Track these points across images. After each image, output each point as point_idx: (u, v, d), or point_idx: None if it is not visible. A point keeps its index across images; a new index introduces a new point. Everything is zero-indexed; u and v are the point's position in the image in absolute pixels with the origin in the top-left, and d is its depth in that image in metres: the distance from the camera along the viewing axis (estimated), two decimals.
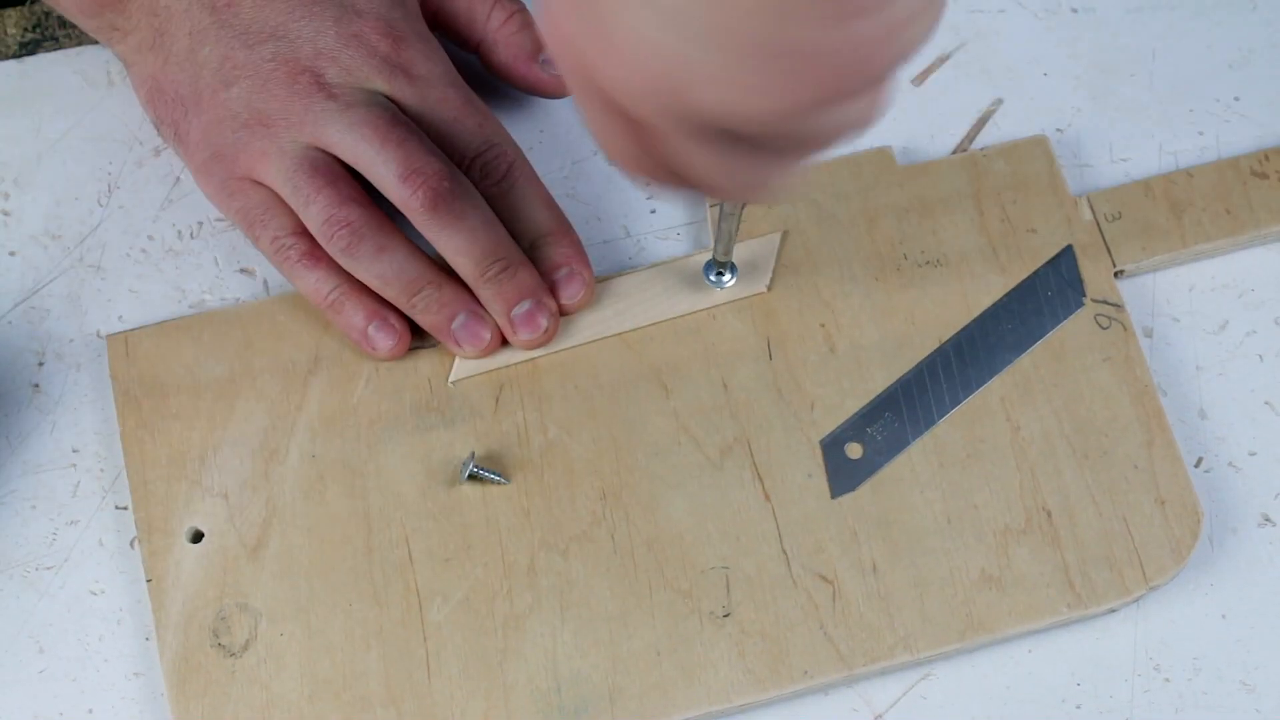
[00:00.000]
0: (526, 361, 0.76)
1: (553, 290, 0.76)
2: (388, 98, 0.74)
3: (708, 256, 0.77)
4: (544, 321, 0.75)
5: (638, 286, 0.78)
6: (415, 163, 0.72)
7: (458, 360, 0.76)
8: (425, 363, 0.76)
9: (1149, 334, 0.78)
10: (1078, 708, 0.71)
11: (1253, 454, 0.76)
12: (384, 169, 0.72)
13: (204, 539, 0.73)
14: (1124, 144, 0.82)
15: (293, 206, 0.74)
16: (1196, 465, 0.76)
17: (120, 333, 0.77)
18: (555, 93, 0.80)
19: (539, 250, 0.76)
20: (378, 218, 0.73)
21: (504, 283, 0.74)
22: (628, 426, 0.74)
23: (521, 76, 0.79)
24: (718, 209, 0.74)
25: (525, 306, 0.75)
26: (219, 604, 0.71)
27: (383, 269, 0.73)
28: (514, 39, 0.79)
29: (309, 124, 0.73)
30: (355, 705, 0.70)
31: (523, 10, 0.79)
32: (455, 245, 0.73)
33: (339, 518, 0.73)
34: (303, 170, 0.73)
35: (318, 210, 0.73)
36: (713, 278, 0.77)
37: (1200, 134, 0.82)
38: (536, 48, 0.79)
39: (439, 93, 0.75)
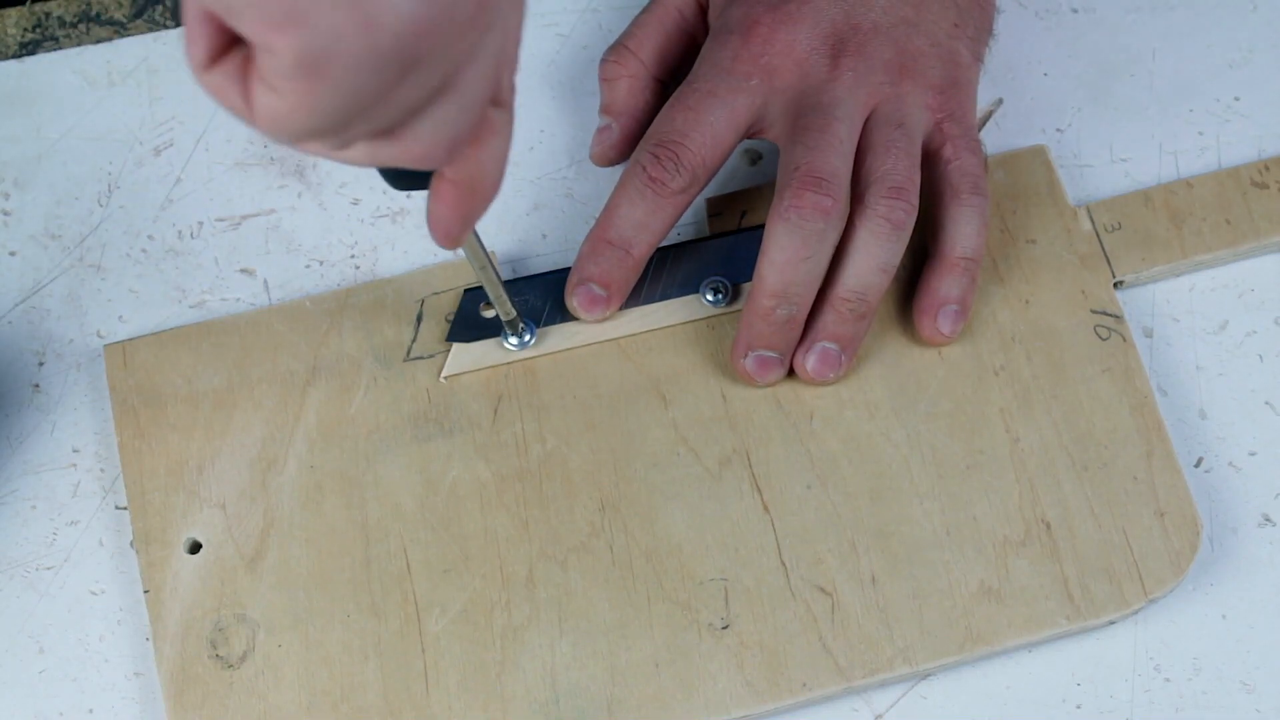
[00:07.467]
0: (524, 370, 0.76)
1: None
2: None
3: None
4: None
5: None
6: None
7: (451, 356, 0.76)
8: (423, 373, 0.76)
9: (1149, 334, 0.78)
10: (1078, 708, 0.72)
11: (1253, 454, 0.76)
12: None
13: (202, 550, 0.73)
14: (1124, 144, 0.82)
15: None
16: (1196, 465, 0.76)
17: (118, 342, 0.76)
18: None
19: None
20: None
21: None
22: (626, 437, 0.74)
23: None
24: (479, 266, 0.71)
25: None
26: (216, 615, 0.71)
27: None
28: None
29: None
30: (353, 717, 0.70)
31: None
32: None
33: (337, 528, 0.73)
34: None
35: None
36: (710, 298, 0.77)
37: (1200, 134, 0.82)
38: None
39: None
